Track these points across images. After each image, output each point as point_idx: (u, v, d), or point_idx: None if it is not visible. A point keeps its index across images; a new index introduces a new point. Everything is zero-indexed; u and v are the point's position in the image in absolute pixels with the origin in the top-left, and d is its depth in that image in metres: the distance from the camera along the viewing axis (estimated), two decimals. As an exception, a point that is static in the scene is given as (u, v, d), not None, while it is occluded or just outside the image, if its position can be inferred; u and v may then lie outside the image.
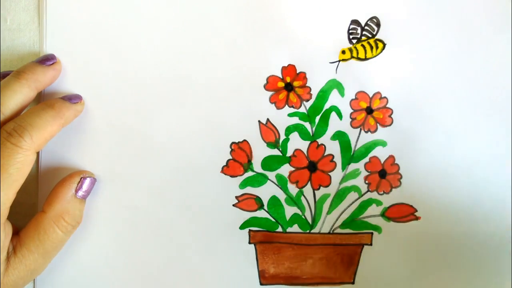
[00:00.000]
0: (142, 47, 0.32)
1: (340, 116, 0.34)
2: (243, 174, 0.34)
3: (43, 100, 0.31)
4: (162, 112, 0.32)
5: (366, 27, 0.33)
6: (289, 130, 0.34)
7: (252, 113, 0.33)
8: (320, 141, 0.34)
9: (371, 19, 0.33)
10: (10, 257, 0.28)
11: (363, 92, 0.34)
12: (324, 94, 0.33)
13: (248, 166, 0.33)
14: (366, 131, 0.34)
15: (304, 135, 0.34)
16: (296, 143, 0.34)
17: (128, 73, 0.32)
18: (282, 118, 0.33)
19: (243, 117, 0.33)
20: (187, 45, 0.32)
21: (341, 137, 0.34)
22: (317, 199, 0.34)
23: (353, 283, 0.35)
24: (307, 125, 0.34)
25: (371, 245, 0.35)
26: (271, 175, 0.34)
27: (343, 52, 0.33)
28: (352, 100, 0.34)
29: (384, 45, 0.33)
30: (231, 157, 0.33)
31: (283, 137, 0.34)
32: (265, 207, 0.34)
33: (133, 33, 0.32)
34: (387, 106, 0.34)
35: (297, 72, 0.33)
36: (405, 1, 0.33)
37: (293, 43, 0.33)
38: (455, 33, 0.34)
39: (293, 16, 0.32)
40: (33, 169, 0.30)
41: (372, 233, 0.35)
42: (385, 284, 0.35)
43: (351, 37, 0.33)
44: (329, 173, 0.34)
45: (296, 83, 0.33)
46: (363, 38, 0.33)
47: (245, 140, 0.33)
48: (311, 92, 0.33)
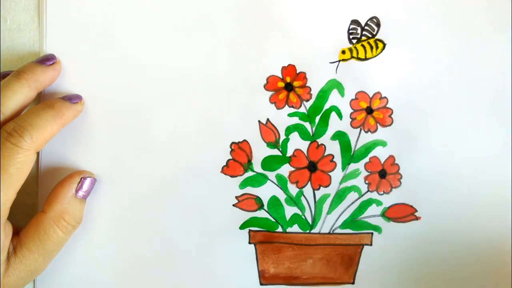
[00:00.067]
0: (142, 47, 0.32)
1: (340, 116, 0.34)
2: (243, 174, 0.34)
3: (43, 100, 0.31)
4: (162, 112, 0.32)
5: (366, 27, 0.33)
6: (289, 130, 0.34)
7: (252, 113, 0.33)
8: (320, 141, 0.34)
9: (371, 19, 0.33)
10: (10, 257, 0.28)
11: (363, 92, 0.34)
12: (324, 94, 0.33)
13: (248, 166, 0.33)
14: (366, 131, 0.34)
15: (304, 135, 0.34)
16: (296, 143, 0.34)
17: (128, 73, 0.32)
18: (282, 118, 0.33)
19: (243, 117, 0.33)
20: (187, 45, 0.32)
21: (341, 137, 0.34)
22: (317, 199, 0.34)
23: (353, 283, 0.35)
24: (307, 125, 0.34)
25: (371, 245, 0.35)
26: (271, 175, 0.34)
27: (343, 52, 0.33)
28: (352, 100, 0.34)
29: (384, 45, 0.33)
30: (231, 157, 0.33)
31: (283, 137, 0.34)
32: (265, 207, 0.34)
33: (133, 33, 0.32)
34: (387, 106, 0.34)
35: (297, 72, 0.33)
36: (405, 1, 0.33)
37: (293, 43, 0.33)
38: (455, 33, 0.34)
39: (293, 16, 0.32)
40: (33, 169, 0.30)
41: (372, 233, 0.35)
42: (385, 284, 0.35)
43: (351, 37, 0.33)
44: (329, 173, 0.34)
45: (296, 83, 0.33)
46: (363, 38, 0.33)
47: (245, 140, 0.33)
48: (311, 92, 0.33)
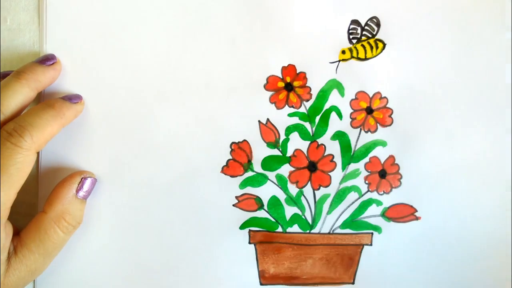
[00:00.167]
0: (142, 46, 0.32)
1: (340, 116, 0.34)
2: (243, 174, 0.34)
3: (43, 100, 0.31)
4: (162, 112, 0.32)
5: (366, 27, 0.33)
6: (289, 130, 0.34)
7: (252, 113, 0.33)
8: (320, 141, 0.34)
9: (371, 19, 0.33)
10: (11, 257, 0.28)
11: (363, 92, 0.34)
12: (324, 94, 0.33)
13: (248, 166, 0.33)
14: (366, 131, 0.34)
15: (304, 135, 0.34)
16: (296, 143, 0.34)
17: (128, 73, 0.32)
18: (282, 118, 0.33)
19: (243, 117, 0.33)
20: (187, 45, 0.32)
21: (341, 137, 0.34)
22: (317, 199, 0.34)
23: (353, 283, 0.35)
24: (307, 125, 0.34)
25: (371, 245, 0.35)
26: (271, 175, 0.34)
27: (343, 52, 0.33)
28: (352, 100, 0.34)
29: (384, 45, 0.33)
30: (231, 157, 0.33)
31: (283, 137, 0.34)
32: (265, 207, 0.34)
33: (133, 33, 0.32)
34: (387, 106, 0.34)
35: (297, 72, 0.33)
36: (405, 1, 0.33)
37: (293, 43, 0.33)
38: (455, 33, 0.34)
39: (293, 16, 0.32)
40: (33, 169, 0.30)
41: (372, 233, 0.35)
42: (385, 284, 0.35)
43: (351, 37, 0.33)
44: (329, 173, 0.34)
45: (296, 83, 0.33)
46: (363, 38, 0.33)
47: (245, 140, 0.33)
48: (311, 92, 0.33)
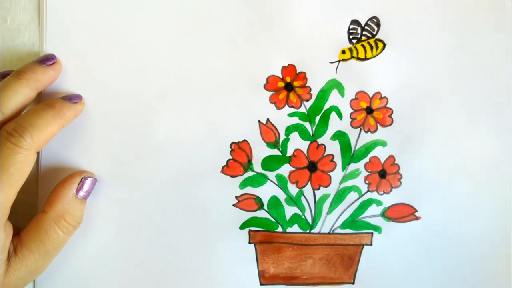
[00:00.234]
0: (142, 47, 0.32)
1: (340, 116, 0.34)
2: (243, 174, 0.34)
3: (44, 100, 0.31)
4: (162, 112, 0.32)
5: (366, 27, 0.33)
6: (289, 130, 0.34)
7: (252, 113, 0.33)
8: (320, 141, 0.34)
9: (371, 19, 0.33)
10: (11, 257, 0.28)
11: (363, 92, 0.34)
12: (324, 94, 0.33)
13: (248, 166, 0.33)
14: (366, 131, 0.34)
15: (304, 135, 0.34)
16: (296, 143, 0.34)
17: (128, 73, 0.32)
18: (282, 118, 0.33)
19: (243, 117, 0.33)
20: (187, 45, 0.32)
21: (341, 137, 0.34)
22: (317, 199, 0.34)
23: (353, 283, 0.35)
24: (307, 125, 0.34)
25: (371, 245, 0.35)
26: (271, 175, 0.34)
27: (343, 52, 0.33)
28: (352, 100, 0.34)
29: (384, 45, 0.33)
30: (231, 157, 0.33)
31: (283, 137, 0.34)
32: (265, 207, 0.34)
33: (133, 33, 0.32)
34: (387, 106, 0.34)
35: (297, 72, 0.33)
36: (405, 1, 0.33)
37: (293, 43, 0.33)
38: (455, 33, 0.34)
39: (293, 16, 0.32)
40: (33, 169, 0.30)
41: (372, 233, 0.35)
42: (385, 284, 0.35)
43: (351, 37, 0.33)
44: (329, 173, 0.34)
45: (296, 83, 0.33)
46: (363, 38, 0.33)
47: (245, 140, 0.33)
48: (311, 92, 0.33)
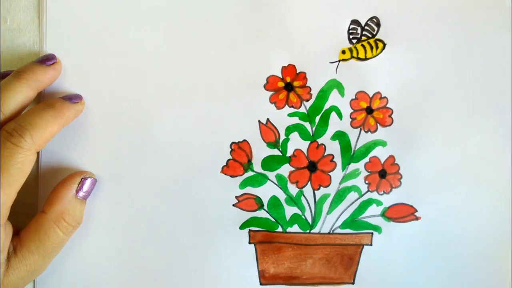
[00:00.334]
0: (142, 46, 0.32)
1: (340, 116, 0.34)
2: (243, 174, 0.34)
3: (44, 100, 0.31)
4: (162, 112, 0.32)
5: (366, 27, 0.33)
6: (289, 130, 0.34)
7: (252, 113, 0.33)
8: (320, 141, 0.34)
9: (371, 19, 0.33)
10: (10, 257, 0.28)
11: (363, 92, 0.34)
12: (324, 94, 0.33)
13: (248, 166, 0.33)
14: (366, 131, 0.34)
15: (304, 135, 0.34)
16: (296, 143, 0.34)
17: (128, 73, 0.32)
18: (282, 118, 0.33)
19: (243, 117, 0.33)
20: (187, 45, 0.32)
21: (341, 137, 0.34)
22: (317, 199, 0.34)
23: (353, 283, 0.35)
24: (307, 125, 0.34)
25: (371, 245, 0.35)
26: (271, 175, 0.34)
27: (343, 52, 0.33)
28: (352, 100, 0.34)
29: (384, 45, 0.33)
30: (231, 157, 0.33)
31: (283, 137, 0.34)
32: (265, 207, 0.34)
33: (133, 33, 0.32)
34: (387, 106, 0.34)
35: (297, 72, 0.33)
36: (405, 1, 0.33)
37: (293, 43, 0.33)
38: (455, 33, 0.34)
39: (293, 16, 0.32)
40: (33, 169, 0.30)
41: (372, 233, 0.35)
42: (385, 284, 0.35)
43: (351, 37, 0.33)
44: (329, 173, 0.34)
45: (296, 83, 0.33)
46: (363, 38, 0.33)
47: (245, 140, 0.33)
48: (311, 92, 0.33)
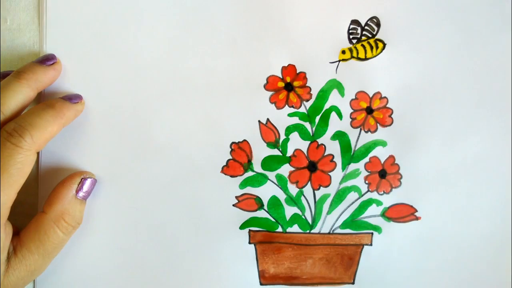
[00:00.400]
0: (142, 47, 0.32)
1: (340, 116, 0.34)
2: (243, 174, 0.34)
3: (44, 100, 0.31)
4: (162, 112, 0.32)
5: (366, 27, 0.33)
6: (289, 130, 0.34)
7: (252, 113, 0.33)
8: (320, 141, 0.34)
9: (371, 19, 0.33)
10: (10, 257, 0.28)
11: (363, 92, 0.34)
12: (324, 94, 0.33)
13: (248, 166, 0.33)
14: (366, 131, 0.34)
15: (304, 135, 0.34)
16: (296, 143, 0.34)
17: (128, 73, 0.32)
18: (282, 118, 0.33)
19: (243, 117, 0.33)
20: (187, 45, 0.32)
21: (341, 137, 0.34)
22: (317, 199, 0.34)
23: (353, 283, 0.35)
24: (307, 125, 0.34)
25: (371, 245, 0.35)
26: (271, 175, 0.34)
27: (343, 52, 0.33)
28: (352, 100, 0.34)
29: (384, 45, 0.33)
30: (231, 157, 0.33)
31: (283, 137, 0.34)
32: (265, 207, 0.34)
33: (133, 33, 0.32)
34: (387, 106, 0.34)
35: (297, 72, 0.33)
36: (405, 1, 0.33)
37: (293, 43, 0.33)
38: (455, 33, 0.34)
39: (293, 16, 0.32)
40: (33, 169, 0.30)
41: (372, 233, 0.35)
42: (385, 284, 0.35)
43: (351, 37, 0.33)
44: (329, 173, 0.34)
45: (296, 83, 0.33)
46: (363, 38, 0.33)
47: (245, 140, 0.33)
48: (311, 92, 0.33)
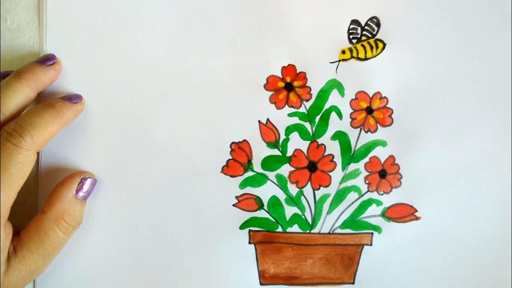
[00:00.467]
0: (142, 46, 0.32)
1: (340, 116, 0.34)
2: (243, 174, 0.34)
3: (44, 100, 0.31)
4: (162, 112, 0.32)
5: (366, 27, 0.33)
6: (289, 130, 0.34)
7: (252, 113, 0.33)
8: (320, 141, 0.34)
9: (371, 19, 0.33)
10: (10, 257, 0.28)
11: (363, 92, 0.34)
12: (324, 94, 0.33)
13: (248, 166, 0.33)
14: (366, 131, 0.34)
15: (304, 135, 0.34)
16: (296, 143, 0.34)
17: (128, 73, 0.32)
18: (282, 118, 0.33)
19: (243, 117, 0.33)
20: (187, 45, 0.32)
21: (341, 137, 0.34)
22: (317, 199, 0.34)
23: (353, 283, 0.35)
24: (307, 125, 0.34)
25: (371, 245, 0.35)
26: (271, 175, 0.34)
27: (343, 52, 0.33)
28: (352, 100, 0.34)
29: (384, 45, 0.33)
30: (231, 157, 0.33)
31: (283, 137, 0.34)
32: (265, 207, 0.34)
33: (133, 33, 0.32)
34: (387, 106, 0.34)
35: (297, 72, 0.33)
36: (405, 1, 0.33)
37: (293, 43, 0.33)
38: (455, 33, 0.34)
39: (293, 16, 0.32)
40: (33, 169, 0.30)
41: (372, 233, 0.35)
42: (385, 284, 0.35)
43: (351, 37, 0.33)
44: (329, 173, 0.34)
45: (296, 83, 0.33)
46: (363, 38, 0.33)
47: (245, 140, 0.33)
48: (311, 92, 0.33)
